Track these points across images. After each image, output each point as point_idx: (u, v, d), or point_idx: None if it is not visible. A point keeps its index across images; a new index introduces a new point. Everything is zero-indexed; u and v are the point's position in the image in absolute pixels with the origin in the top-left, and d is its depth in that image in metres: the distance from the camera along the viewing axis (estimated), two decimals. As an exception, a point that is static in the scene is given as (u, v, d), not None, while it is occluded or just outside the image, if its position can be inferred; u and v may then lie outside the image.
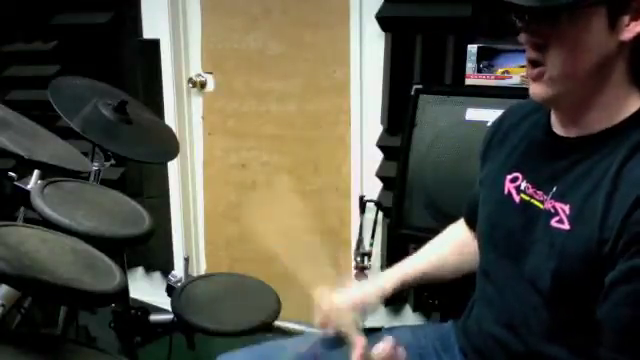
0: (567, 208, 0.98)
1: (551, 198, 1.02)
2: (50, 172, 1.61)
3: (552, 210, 1.01)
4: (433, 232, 1.41)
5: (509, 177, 1.13)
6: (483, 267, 1.20)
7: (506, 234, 1.11)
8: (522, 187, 1.09)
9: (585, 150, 1.00)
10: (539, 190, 1.05)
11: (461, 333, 1.25)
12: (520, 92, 1.46)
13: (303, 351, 1.20)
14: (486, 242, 1.18)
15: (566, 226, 0.97)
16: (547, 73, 0.98)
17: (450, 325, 1.31)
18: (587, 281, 0.94)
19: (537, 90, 1.00)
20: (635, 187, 0.90)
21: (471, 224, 1.32)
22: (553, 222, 1.00)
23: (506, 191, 1.12)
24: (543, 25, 0.95)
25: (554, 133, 1.07)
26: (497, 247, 1.14)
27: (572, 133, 1.03)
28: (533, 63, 0.99)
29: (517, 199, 1.10)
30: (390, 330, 1.33)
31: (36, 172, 1.67)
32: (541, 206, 1.04)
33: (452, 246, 1.36)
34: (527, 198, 1.08)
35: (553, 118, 1.08)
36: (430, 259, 1.34)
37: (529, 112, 1.16)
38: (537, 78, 0.99)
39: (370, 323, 2.66)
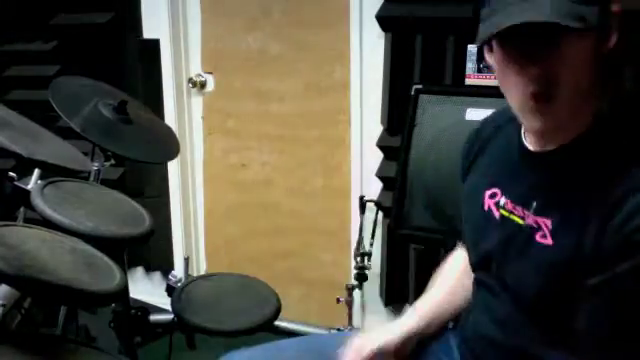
0: (549, 222, 0.98)
1: (533, 213, 1.01)
2: (50, 171, 1.61)
3: (535, 225, 1.00)
4: (433, 232, 1.41)
5: (488, 193, 1.12)
6: (476, 277, 1.20)
7: (488, 250, 1.10)
8: (501, 203, 1.09)
9: (558, 163, 0.99)
10: (518, 206, 1.04)
11: (460, 339, 1.25)
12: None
13: None
14: (472, 258, 1.18)
15: (549, 241, 0.97)
16: (557, 101, 0.93)
17: (450, 328, 1.31)
18: (574, 293, 0.94)
19: (544, 122, 0.95)
20: (609, 197, 0.89)
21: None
22: (538, 238, 0.99)
23: (486, 207, 1.12)
24: (547, 50, 0.90)
25: (526, 148, 1.05)
26: (481, 263, 1.14)
27: (545, 146, 1.02)
28: (538, 96, 0.93)
29: (497, 215, 1.09)
30: None
31: (36, 172, 1.67)
32: (521, 222, 1.03)
33: (457, 277, 1.30)
34: (506, 214, 1.07)
35: (525, 132, 1.06)
36: (444, 295, 1.29)
37: (502, 124, 1.15)
38: (545, 111, 0.94)
39: (370, 323, 2.66)
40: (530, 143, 1.05)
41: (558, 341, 1.01)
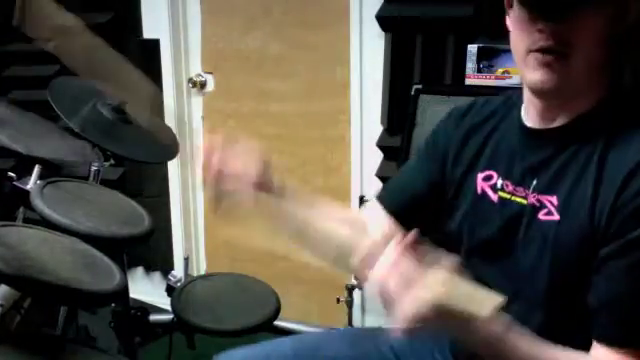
0: (554, 199, 0.98)
1: (533, 191, 1.01)
2: (50, 167, 1.61)
3: (537, 204, 1.00)
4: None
5: (481, 176, 1.11)
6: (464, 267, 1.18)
7: (486, 235, 1.08)
8: (499, 185, 1.07)
9: (562, 140, 0.99)
10: (519, 186, 1.04)
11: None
12: (520, 92, 1.45)
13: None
14: (464, 245, 1.14)
15: (555, 217, 0.97)
16: (568, 62, 0.93)
17: None
18: (584, 271, 0.94)
19: (548, 77, 0.94)
20: (621, 169, 0.90)
21: (396, 215, 1.21)
22: (541, 215, 0.99)
23: (479, 190, 1.10)
24: (568, 13, 0.91)
25: (527, 127, 1.05)
26: (478, 250, 1.11)
27: (548, 124, 1.02)
28: (549, 51, 0.93)
29: (494, 198, 1.08)
30: (387, 330, 1.32)
31: (35, 172, 1.67)
32: (524, 202, 1.02)
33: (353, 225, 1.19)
34: (507, 196, 1.06)
35: (528, 112, 1.06)
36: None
37: (495, 110, 1.14)
38: (552, 65, 0.93)
39: (370, 322, 2.66)
40: (531, 122, 1.05)
41: (554, 334, 1.00)
